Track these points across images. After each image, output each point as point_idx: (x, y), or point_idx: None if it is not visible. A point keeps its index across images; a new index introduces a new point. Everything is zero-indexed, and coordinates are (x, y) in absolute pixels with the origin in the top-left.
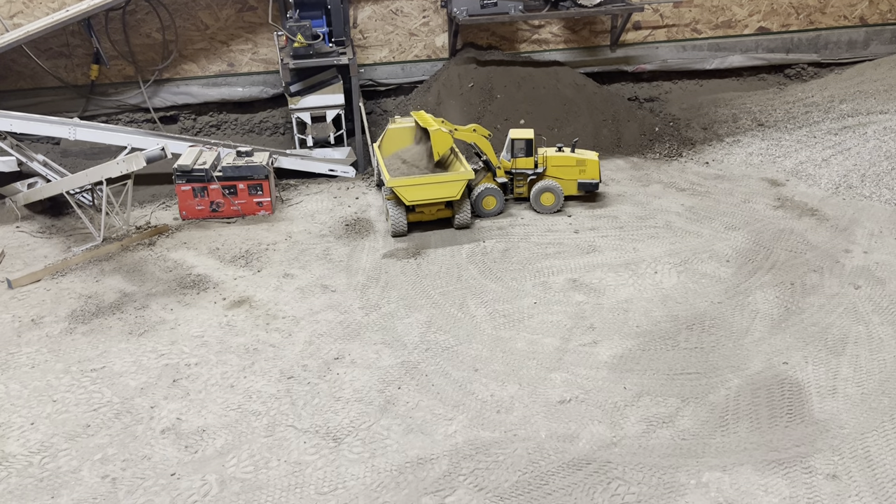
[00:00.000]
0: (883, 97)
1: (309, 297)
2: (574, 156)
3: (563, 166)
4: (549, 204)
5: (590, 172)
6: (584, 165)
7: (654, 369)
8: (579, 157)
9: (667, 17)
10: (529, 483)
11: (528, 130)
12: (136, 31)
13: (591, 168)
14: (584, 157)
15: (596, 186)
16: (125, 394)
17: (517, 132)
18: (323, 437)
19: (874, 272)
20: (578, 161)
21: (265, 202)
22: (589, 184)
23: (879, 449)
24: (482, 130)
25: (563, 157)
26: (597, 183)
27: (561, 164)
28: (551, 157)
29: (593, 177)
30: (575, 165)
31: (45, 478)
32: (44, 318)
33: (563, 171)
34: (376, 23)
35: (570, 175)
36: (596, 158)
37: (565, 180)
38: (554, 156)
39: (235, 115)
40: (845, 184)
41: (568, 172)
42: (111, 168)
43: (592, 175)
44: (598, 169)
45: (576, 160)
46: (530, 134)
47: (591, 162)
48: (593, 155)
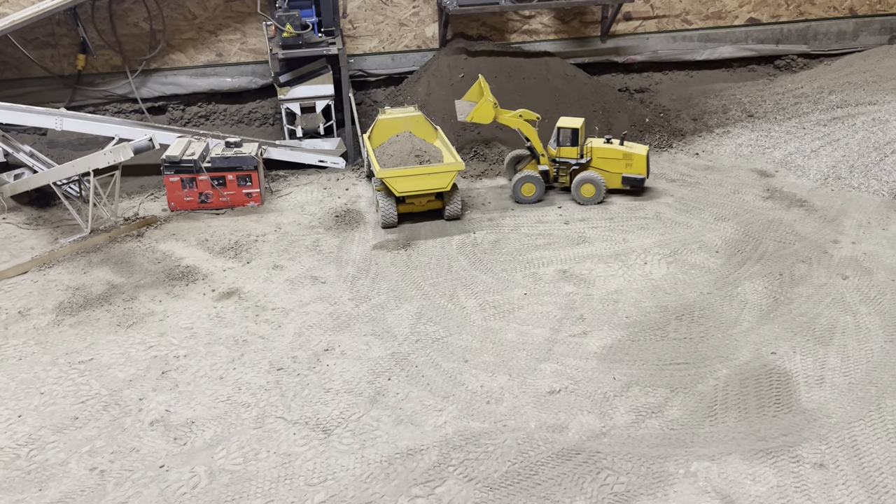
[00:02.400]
0: (872, 88)
1: (298, 288)
2: (620, 148)
3: (609, 159)
4: (590, 195)
5: (636, 167)
6: (630, 159)
7: (643, 360)
8: (626, 150)
9: (657, 8)
10: (519, 473)
11: (576, 119)
12: (124, 21)
13: (638, 163)
14: (631, 150)
15: (641, 182)
16: (113, 386)
17: (565, 121)
18: (312, 429)
19: (862, 262)
20: (625, 154)
21: (254, 193)
22: (633, 178)
23: (866, 438)
24: (529, 115)
25: (609, 149)
26: (642, 178)
27: (606, 156)
28: (597, 149)
29: (639, 172)
30: (621, 159)
31: (32, 470)
32: (31, 310)
33: (609, 163)
34: (366, 13)
35: (616, 168)
36: (644, 153)
37: (610, 173)
38: (600, 147)
39: (224, 106)
40: (834, 174)
41: (613, 165)
42: (98, 159)
43: (639, 170)
44: (644, 164)
45: (622, 153)
46: (577, 123)
47: (637, 156)
48: (642, 149)
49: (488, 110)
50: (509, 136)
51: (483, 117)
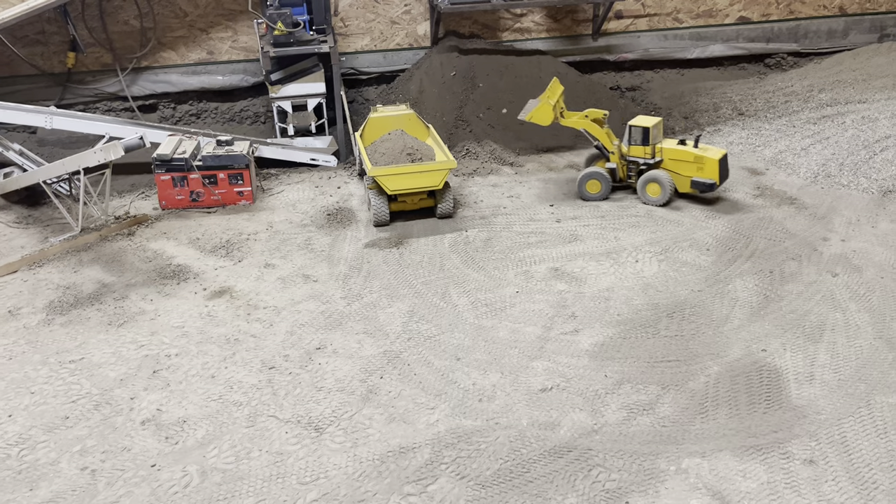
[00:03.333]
0: (861, 86)
1: (290, 287)
2: (692, 151)
3: (680, 160)
4: (655, 196)
5: (707, 171)
6: (701, 163)
7: (634, 357)
8: (698, 153)
9: (648, 7)
10: (511, 471)
11: (650, 118)
12: (114, 19)
13: (710, 167)
14: (703, 154)
15: (711, 188)
16: (104, 385)
17: (639, 119)
18: (305, 427)
19: (851, 260)
20: (696, 157)
21: (246, 192)
22: (702, 183)
23: (856, 434)
24: (595, 113)
25: (679, 150)
26: (711, 183)
27: (677, 157)
28: (668, 150)
29: (710, 176)
30: (692, 161)
31: (23, 470)
32: (21, 310)
33: (679, 165)
34: (357, 11)
35: (686, 171)
36: (717, 157)
37: (680, 175)
38: (670, 148)
39: (215, 104)
40: (824, 172)
41: (683, 168)
42: (89, 157)
43: (710, 174)
44: (716, 168)
45: (693, 156)
46: (650, 122)
47: (709, 160)
48: (717, 153)
49: (547, 113)
50: (501, 135)
51: (541, 119)
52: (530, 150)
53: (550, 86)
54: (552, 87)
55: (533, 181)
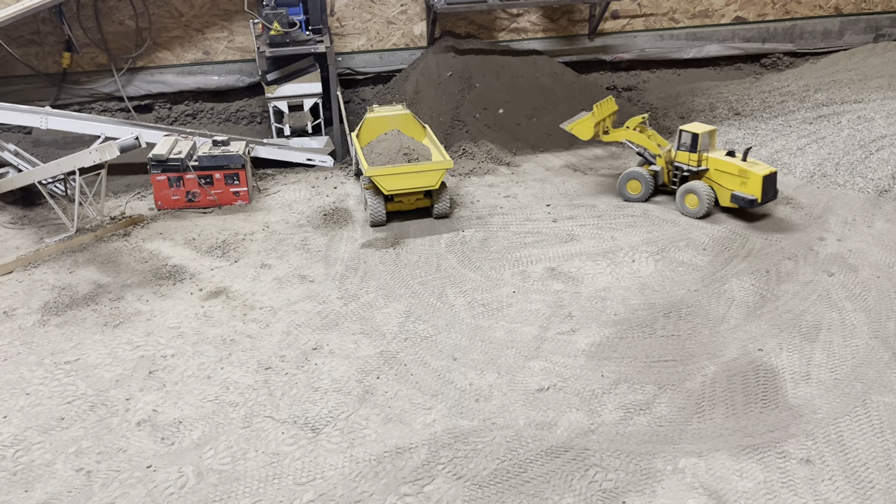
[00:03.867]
0: (857, 86)
1: (287, 287)
2: (738, 164)
3: (724, 172)
4: (692, 207)
5: (750, 187)
6: (745, 177)
7: (631, 357)
8: (743, 166)
9: (644, 7)
10: (508, 471)
11: (703, 126)
12: (109, 19)
13: (753, 182)
14: (748, 168)
15: (751, 204)
16: (100, 386)
17: (691, 125)
18: (301, 428)
19: (847, 259)
20: (741, 171)
21: (242, 192)
22: (742, 198)
23: (852, 433)
24: (634, 121)
25: (724, 161)
26: (752, 199)
27: (722, 169)
28: (713, 160)
29: (752, 192)
30: (736, 174)
31: (18, 471)
32: (16, 310)
33: (723, 177)
34: (354, 11)
35: (729, 184)
36: (762, 173)
37: (723, 188)
38: (715, 158)
39: (211, 104)
40: (820, 172)
41: (727, 180)
42: (84, 157)
43: (752, 190)
44: (759, 184)
45: (738, 169)
46: (700, 129)
47: (754, 175)
48: (764, 169)
49: (588, 128)
50: (498, 135)
51: (582, 133)
52: (527, 150)
53: (602, 102)
54: (603, 104)
55: (529, 181)
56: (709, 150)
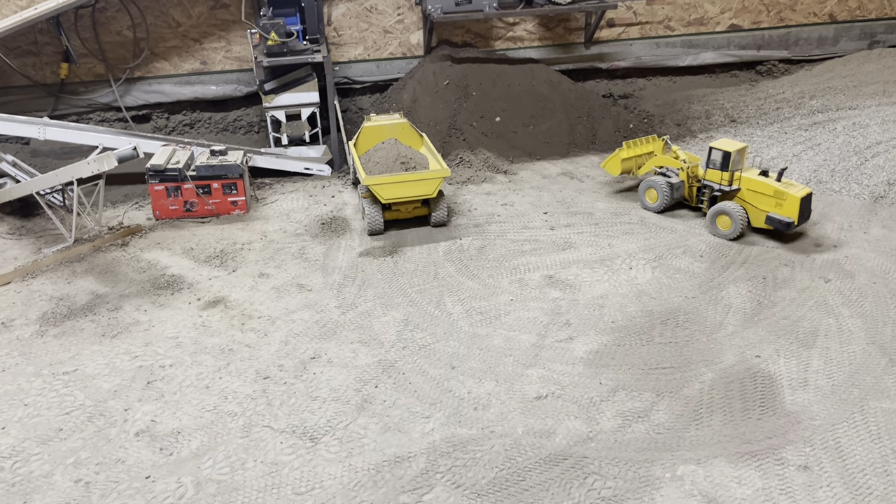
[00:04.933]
0: (852, 93)
1: (285, 296)
2: (773, 184)
3: (758, 193)
4: (725, 229)
5: (787, 209)
6: (781, 198)
7: (629, 364)
8: (779, 187)
9: (640, 15)
10: (507, 479)
11: (735, 143)
12: (107, 29)
13: (790, 204)
14: (785, 189)
15: (788, 227)
16: (98, 396)
17: (722, 142)
18: (300, 437)
19: (844, 266)
20: (776, 192)
21: (240, 201)
22: (778, 220)
23: (850, 440)
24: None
25: (758, 182)
26: (789, 222)
27: (756, 189)
28: (746, 179)
29: (789, 214)
30: (771, 196)
31: (16, 482)
32: (14, 321)
33: (757, 198)
34: (351, 20)
35: (764, 205)
36: (800, 195)
37: (757, 209)
38: (749, 178)
39: (209, 114)
40: (815, 179)
41: (761, 201)
42: (82, 168)
43: (789, 212)
44: (797, 207)
45: (774, 190)
46: (732, 147)
47: (791, 197)
48: (801, 190)
49: (615, 165)
50: (495, 143)
51: (611, 169)
52: (524, 158)
53: (639, 140)
54: (641, 142)
55: (527, 189)
56: (741, 168)
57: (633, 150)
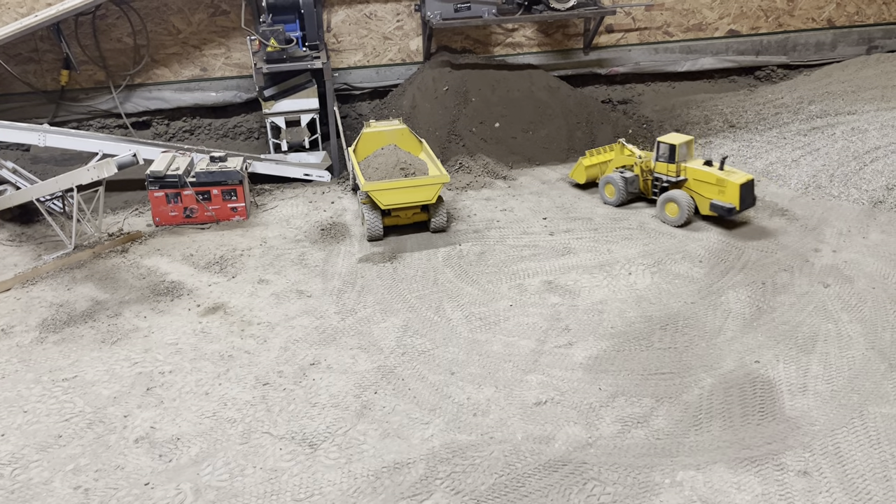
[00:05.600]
0: (850, 98)
1: (284, 302)
2: (715, 173)
3: (702, 182)
4: (672, 216)
5: (728, 195)
6: (723, 186)
7: (628, 370)
8: (721, 175)
9: (639, 21)
10: (506, 485)
11: (680, 136)
12: (107, 36)
13: (731, 191)
14: (726, 177)
15: (729, 212)
16: (98, 403)
17: (668, 136)
18: (299, 444)
19: (843, 271)
20: (718, 180)
21: (239, 207)
22: (721, 207)
23: (849, 445)
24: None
25: (702, 171)
26: (731, 208)
27: (700, 178)
28: (691, 170)
29: (730, 200)
30: (714, 184)
31: (16, 489)
32: (14, 328)
33: (702, 187)
34: (350, 27)
35: (708, 193)
36: (739, 182)
37: (703, 197)
38: (694, 168)
39: (209, 120)
40: (814, 184)
41: (706, 189)
42: (82, 175)
43: (730, 199)
44: (737, 193)
45: (716, 178)
46: (677, 140)
47: (731, 185)
48: (741, 177)
49: (580, 173)
50: (494, 149)
51: (577, 177)
52: (523, 163)
53: (604, 148)
54: (603, 150)
55: (526, 194)
56: (687, 160)
57: (595, 158)
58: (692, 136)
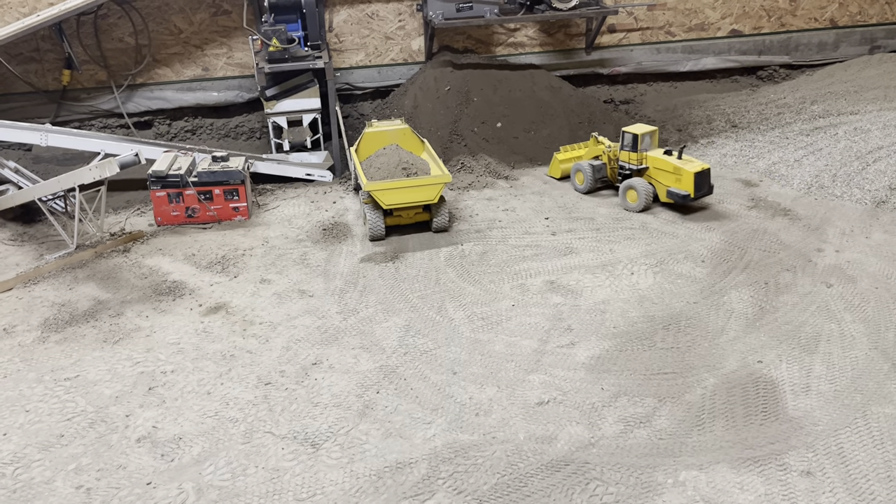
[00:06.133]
0: (853, 98)
1: (286, 302)
2: (672, 161)
3: (661, 170)
4: (632, 202)
5: (683, 183)
6: (679, 174)
7: (631, 370)
8: (677, 164)
9: (641, 20)
10: (508, 485)
11: (644, 126)
12: (109, 36)
13: (686, 179)
14: (682, 165)
15: (684, 199)
16: (99, 402)
17: (633, 126)
18: (301, 443)
19: (846, 271)
20: (675, 168)
21: (241, 207)
22: (677, 194)
23: (852, 445)
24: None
25: (661, 159)
26: (685, 195)
27: (659, 166)
28: (652, 158)
29: (685, 188)
30: (671, 172)
31: (18, 489)
32: (16, 327)
33: (661, 175)
34: (352, 26)
35: (665, 180)
36: (693, 170)
37: (661, 184)
38: (654, 157)
39: (211, 120)
40: (817, 184)
41: (664, 177)
42: (84, 174)
43: (685, 186)
44: (692, 181)
45: (673, 167)
46: (640, 130)
47: (686, 173)
48: (696, 166)
49: (556, 169)
50: (496, 149)
51: (553, 173)
52: (525, 163)
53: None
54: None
55: (528, 194)
56: (650, 149)
57: (569, 153)
58: (656, 128)
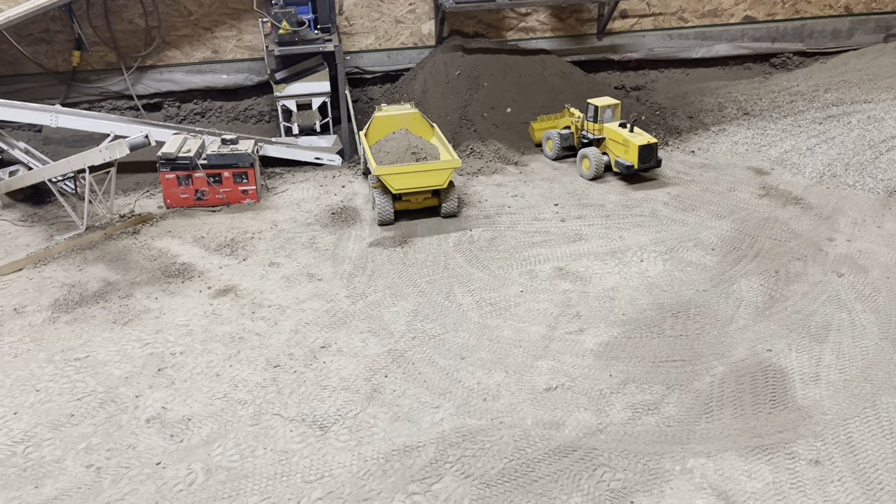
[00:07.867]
0: (867, 86)
1: (295, 285)
2: (623, 134)
3: (613, 141)
4: (585, 170)
5: (630, 154)
6: (627, 146)
7: (639, 357)
8: (626, 136)
9: (653, 6)
10: (516, 470)
11: (607, 99)
12: (119, 17)
13: (632, 151)
14: (629, 138)
15: (627, 169)
16: (109, 383)
17: (597, 99)
18: (309, 426)
19: (857, 260)
20: (624, 140)
21: (250, 190)
22: (622, 164)
23: (861, 434)
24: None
25: (613, 131)
26: (629, 165)
27: (612, 137)
28: (608, 129)
29: (630, 159)
30: (621, 143)
31: (28, 467)
32: (26, 308)
33: (614, 146)
34: (362, 10)
35: (616, 151)
36: (639, 143)
37: (614, 155)
38: (609, 129)
39: (220, 103)
40: (829, 172)
41: (616, 148)
42: (94, 156)
43: (631, 157)
44: (636, 153)
45: (623, 139)
46: (602, 102)
47: (632, 145)
48: (642, 139)
49: (533, 134)
50: (506, 135)
51: (533, 136)
52: (535, 149)
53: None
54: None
55: (537, 180)
56: (611, 121)
57: (543, 123)
58: (619, 102)
